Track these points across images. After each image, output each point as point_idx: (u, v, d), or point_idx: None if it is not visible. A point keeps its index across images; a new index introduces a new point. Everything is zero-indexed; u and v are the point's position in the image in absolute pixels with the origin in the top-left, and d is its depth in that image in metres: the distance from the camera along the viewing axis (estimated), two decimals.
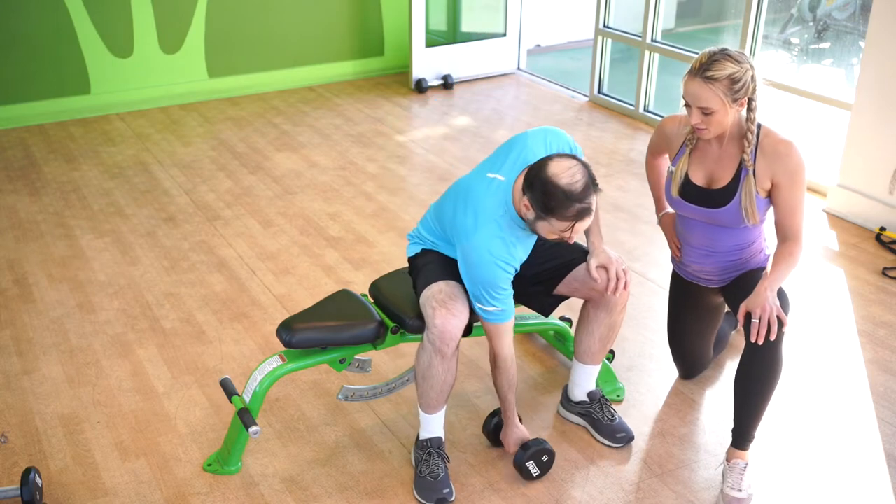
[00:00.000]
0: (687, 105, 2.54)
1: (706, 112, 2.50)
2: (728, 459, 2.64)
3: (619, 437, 2.83)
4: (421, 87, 6.41)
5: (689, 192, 2.71)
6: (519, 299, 2.83)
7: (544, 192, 2.32)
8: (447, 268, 2.58)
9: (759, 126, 2.58)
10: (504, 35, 6.73)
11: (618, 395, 3.06)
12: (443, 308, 2.48)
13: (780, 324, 2.52)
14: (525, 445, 2.66)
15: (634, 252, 4.06)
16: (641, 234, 4.24)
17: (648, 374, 3.21)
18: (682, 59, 5.48)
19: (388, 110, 6.09)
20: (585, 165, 2.36)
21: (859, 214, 4.32)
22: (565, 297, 2.79)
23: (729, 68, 2.45)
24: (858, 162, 4.31)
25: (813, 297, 3.69)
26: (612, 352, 3.17)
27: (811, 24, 8.01)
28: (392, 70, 6.90)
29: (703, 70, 2.47)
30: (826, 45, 8.02)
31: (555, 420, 2.97)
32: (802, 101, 4.84)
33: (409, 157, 5.28)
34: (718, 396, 3.08)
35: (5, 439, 2.85)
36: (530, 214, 2.39)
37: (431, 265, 2.62)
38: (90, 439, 2.88)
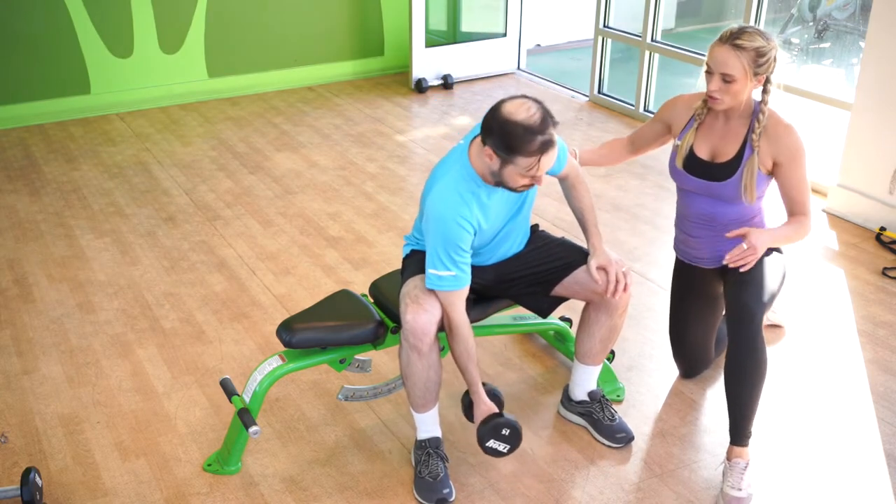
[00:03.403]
0: (708, 73, 2.62)
1: (727, 80, 2.57)
2: (728, 458, 2.63)
3: (619, 437, 2.83)
4: (421, 87, 6.42)
5: (693, 165, 2.78)
6: (516, 300, 2.84)
7: (503, 133, 2.33)
8: None
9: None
10: (504, 35, 6.73)
11: (618, 395, 3.06)
12: (414, 304, 2.47)
13: (753, 315, 2.55)
14: (481, 424, 2.54)
15: (634, 252, 4.06)
16: (641, 235, 4.24)
17: (648, 374, 3.21)
18: (682, 59, 5.48)
19: (388, 110, 6.09)
20: (538, 101, 2.38)
21: (859, 214, 4.32)
22: (564, 299, 2.79)
23: (758, 41, 2.56)
24: (858, 162, 4.31)
25: (813, 297, 3.69)
26: (612, 352, 3.17)
27: (811, 24, 8.02)
28: (392, 70, 6.90)
29: (733, 38, 2.56)
30: (826, 45, 8.02)
31: (555, 420, 2.97)
32: (802, 101, 4.84)
33: (409, 157, 5.28)
34: (718, 396, 3.08)
35: (5, 439, 2.85)
36: (495, 163, 2.39)
37: (415, 264, 2.63)
38: (90, 439, 2.88)
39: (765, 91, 2.65)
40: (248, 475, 2.72)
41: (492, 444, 2.54)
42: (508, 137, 2.32)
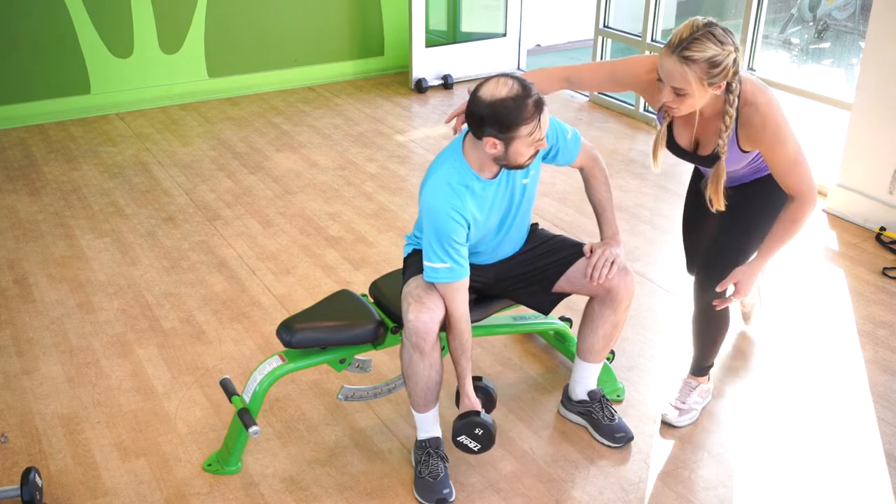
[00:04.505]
0: (660, 79, 2.37)
1: (679, 93, 2.33)
2: (684, 379, 2.97)
3: (619, 437, 2.83)
4: (421, 87, 6.42)
5: (677, 149, 2.65)
6: (517, 299, 2.84)
7: (496, 115, 2.33)
8: None
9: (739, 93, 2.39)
10: (504, 35, 6.73)
11: (618, 396, 3.06)
12: (416, 303, 2.47)
13: (711, 286, 2.66)
14: (458, 418, 2.57)
15: (634, 252, 4.06)
16: (641, 235, 4.23)
17: (648, 373, 3.21)
18: None
19: (388, 110, 6.09)
20: (507, 74, 2.39)
21: (859, 214, 4.32)
22: (565, 295, 2.79)
23: (710, 50, 2.26)
24: (858, 162, 4.31)
25: (813, 297, 3.69)
26: (612, 352, 3.16)
27: (811, 24, 8.01)
28: (392, 70, 6.90)
29: (680, 48, 2.27)
30: (826, 45, 8.02)
31: (555, 420, 2.97)
32: (802, 101, 4.84)
33: (409, 157, 5.28)
34: (719, 397, 3.08)
35: (5, 439, 2.85)
36: (500, 149, 2.38)
37: (416, 264, 2.63)
38: (90, 439, 2.88)
39: (729, 92, 2.36)
40: (248, 475, 2.72)
41: (463, 439, 2.56)
42: (503, 117, 2.32)
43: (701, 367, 2.95)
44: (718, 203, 2.53)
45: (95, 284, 3.83)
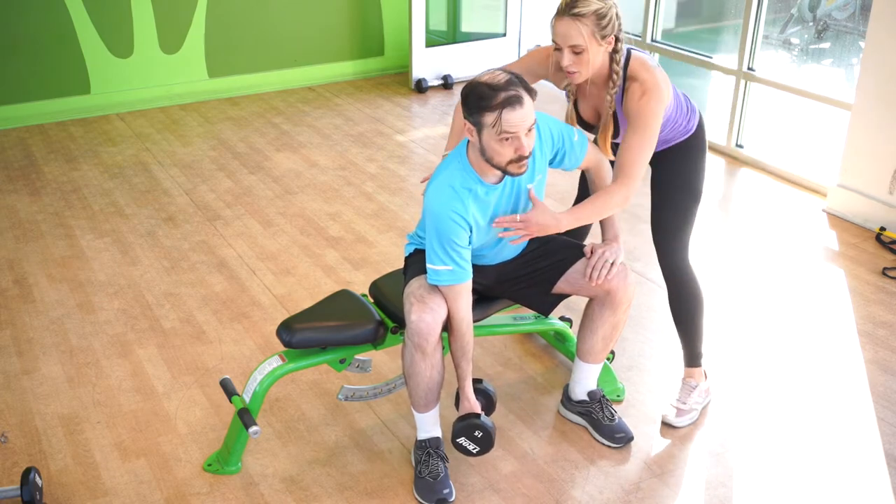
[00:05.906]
0: (558, 49, 2.56)
1: (577, 51, 2.53)
2: (683, 379, 2.98)
3: (619, 437, 2.83)
4: (421, 87, 6.42)
5: (584, 126, 2.84)
6: (518, 300, 2.84)
7: (471, 96, 2.36)
8: None
9: (626, 65, 2.61)
10: (504, 35, 6.74)
11: (618, 396, 3.06)
12: (419, 303, 2.47)
13: (673, 256, 2.84)
14: (458, 420, 2.58)
15: (634, 252, 4.06)
16: (641, 234, 4.23)
17: (648, 373, 3.21)
18: (683, 60, 5.48)
19: (388, 110, 6.09)
20: (511, 73, 2.39)
21: (859, 214, 4.32)
22: (565, 296, 2.79)
23: (594, 4, 2.51)
24: (858, 162, 4.31)
25: (813, 297, 3.69)
26: (612, 352, 3.17)
27: (811, 24, 8.01)
28: (392, 70, 6.90)
29: (569, 8, 2.52)
30: (826, 45, 8.02)
31: (555, 420, 2.97)
32: (802, 101, 4.84)
33: (409, 157, 5.28)
34: (718, 397, 3.08)
35: (5, 439, 2.85)
36: (475, 137, 2.40)
37: (418, 263, 2.63)
38: (90, 439, 2.88)
39: (615, 51, 2.58)
40: (248, 475, 2.73)
41: (462, 441, 2.56)
42: (474, 98, 2.35)
43: (692, 356, 2.97)
44: (607, 152, 2.77)
45: (95, 284, 3.83)
